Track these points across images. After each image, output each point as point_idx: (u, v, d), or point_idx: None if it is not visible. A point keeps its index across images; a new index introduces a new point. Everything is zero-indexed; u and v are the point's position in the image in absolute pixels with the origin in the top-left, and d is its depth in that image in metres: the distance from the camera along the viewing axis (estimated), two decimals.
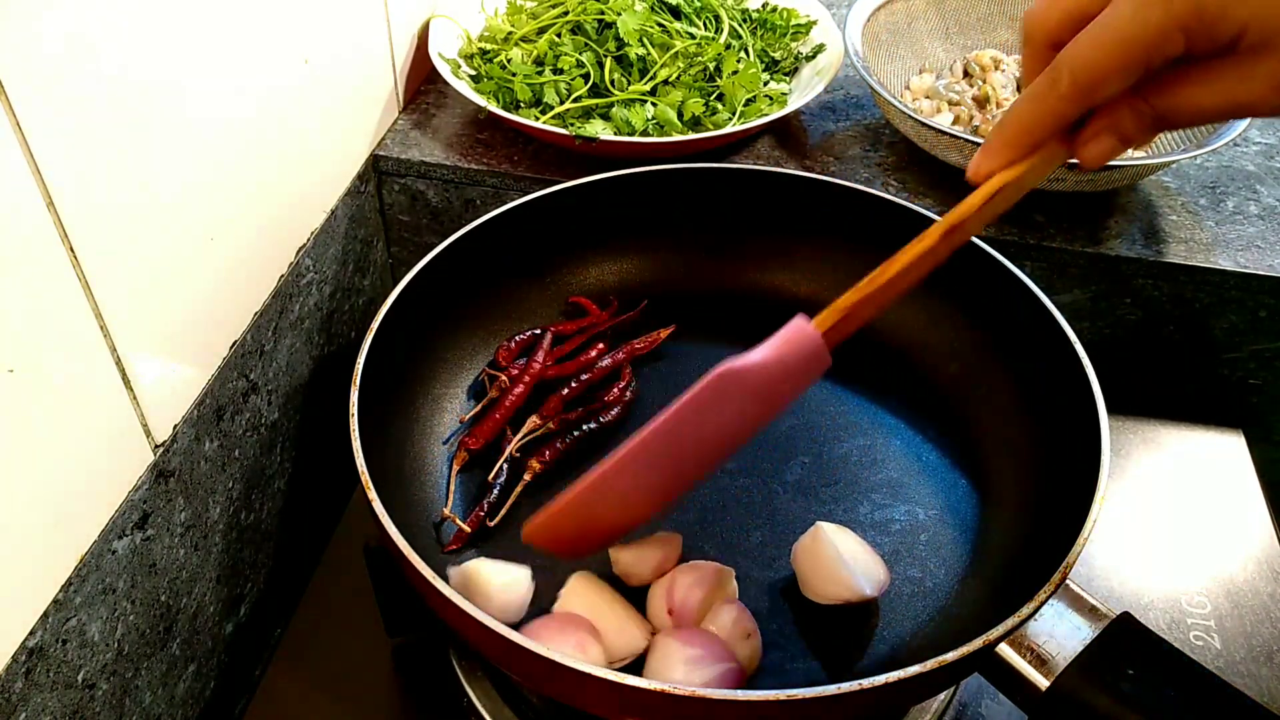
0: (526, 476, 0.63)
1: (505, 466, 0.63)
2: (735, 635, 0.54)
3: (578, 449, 0.65)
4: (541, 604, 0.56)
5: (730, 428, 0.50)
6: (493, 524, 0.60)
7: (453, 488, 0.62)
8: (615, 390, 0.68)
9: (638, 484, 0.50)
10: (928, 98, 0.87)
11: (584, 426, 0.65)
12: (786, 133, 0.86)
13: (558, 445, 0.64)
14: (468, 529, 0.59)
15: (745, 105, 0.83)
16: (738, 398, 0.49)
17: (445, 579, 0.48)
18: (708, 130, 0.81)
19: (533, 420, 0.65)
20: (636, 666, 0.54)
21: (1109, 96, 0.41)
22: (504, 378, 0.67)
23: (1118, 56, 0.39)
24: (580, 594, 0.55)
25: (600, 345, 0.71)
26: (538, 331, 0.71)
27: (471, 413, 0.67)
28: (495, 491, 0.61)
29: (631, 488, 0.50)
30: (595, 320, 0.72)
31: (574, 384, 0.68)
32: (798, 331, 0.50)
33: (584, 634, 0.52)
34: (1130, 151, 0.81)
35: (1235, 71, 0.39)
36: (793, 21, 0.93)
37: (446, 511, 0.60)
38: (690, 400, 0.49)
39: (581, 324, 0.72)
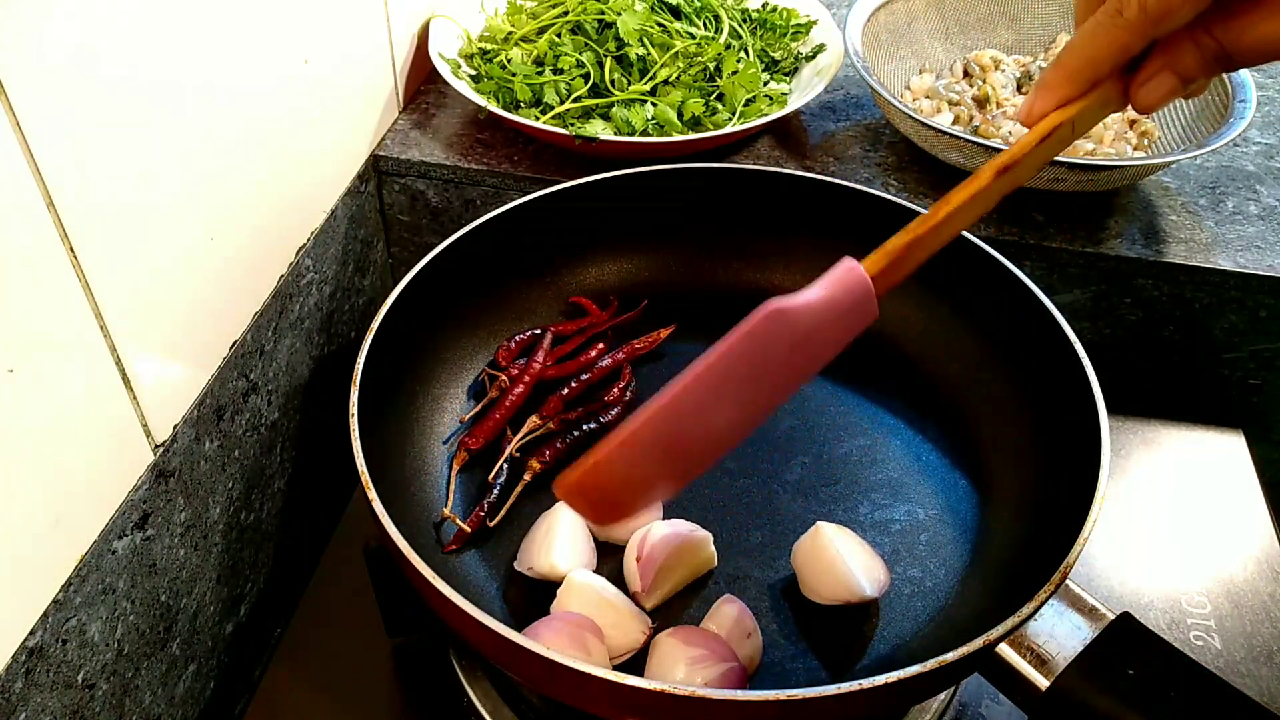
0: (526, 476, 0.63)
1: (505, 466, 0.63)
2: (736, 635, 0.54)
3: (578, 449, 0.65)
4: (541, 604, 0.56)
5: (775, 375, 0.46)
6: (493, 524, 0.60)
7: (453, 488, 0.62)
8: (615, 390, 0.68)
9: (676, 437, 0.45)
10: (928, 98, 0.87)
11: (584, 426, 0.65)
12: (786, 133, 0.86)
13: (558, 445, 0.64)
14: (468, 529, 0.59)
15: (745, 105, 0.83)
16: (786, 340, 0.45)
17: (446, 580, 0.48)
18: (708, 130, 0.81)
19: (533, 420, 0.65)
20: (637, 666, 0.54)
21: (1177, 26, 0.39)
22: (504, 378, 0.67)
23: None
24: (577, 592, 0.55)
25: (600, 345, 0.71)
26: (538, 331, 0.71)
27: (471, 413, 0.67)
28: (495, 491, 0.61)
29: (671, 441, 0.45)
30: (595, 320, 0.72)
31: (574, 384, 0.68)
32: (848, 273, 0.46)
33: (585, 633, 0.52)
34: (1130, 151, 0.81)
35: None
36: (793, 21, 0.93)
37: (446, 511, 0.60)
38: (738, 341, 0.44)
39: (581, 324, 0.72)
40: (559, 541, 0.57)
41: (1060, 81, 0.42)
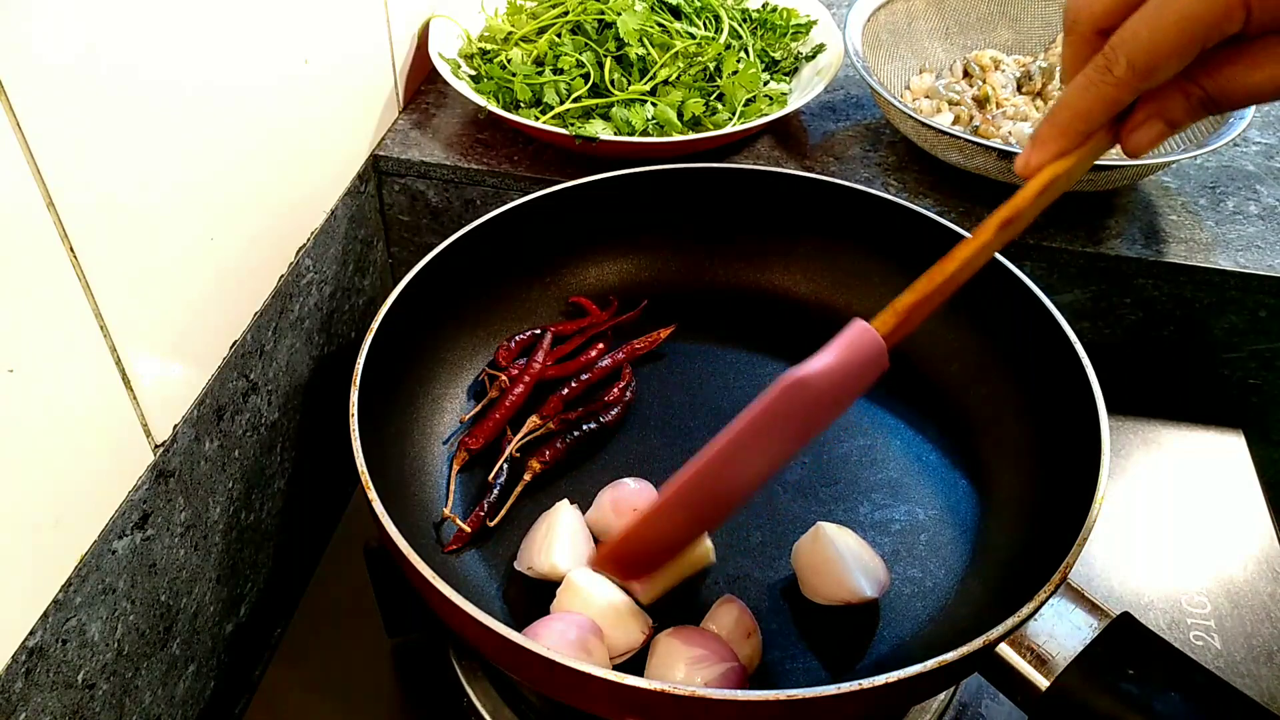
0: (526, 476, 0.63)
1: (505, 466, 0.63)
2: (736, 635, 0.54)
3: (578, 449, 0.65)
4: (541, 604, 0.56)
5: (795, 437, 0.50)
6: (493, 524, 0.60)
7: (453, 488, 0.62)
8: (615, 390, 0.68)
9: (705, 500, 0.51)
10: (928, 98, 0.87)
11: (584, 426, 0.65)
12: (786, 133, 0.86)
13: (558, 445, 0.64)
14: (468, 529, 0.59)
15: (745, 105, 0.83)
16: (803, 408, 0.49)
17: (446, 580, 0.48)
18: (708, 130, 0.81)
19: (533, 420, 0.65)
20: (637, 666, 0.54)
21: (1163, 80, 0.40)
22: (504, 378, 0.67)
23: (1177, 36, 0.38)
24: (577, 592, 0.55)
25: (600, 345, 0.71)
26: (538, 331, 0.71)
27: (471, 412, 0.66)
28: (495, 491, 0.61)
29: (700, 505, 0.51)
30: (595, 320, 0.72)
31: (574, 384, 0.68)
32: (860, 335, 0.49)
33: (585, 632, 0.52)
34: None
35: None
36: (793, 21, 0.93)
37: (447, 511, 0.60)
38: (759, 414, 0.48)
39: (581, 324, 0.72)
40: (559, 542, 0.57)
41: (1054, 136, 0.44)
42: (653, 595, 0.57)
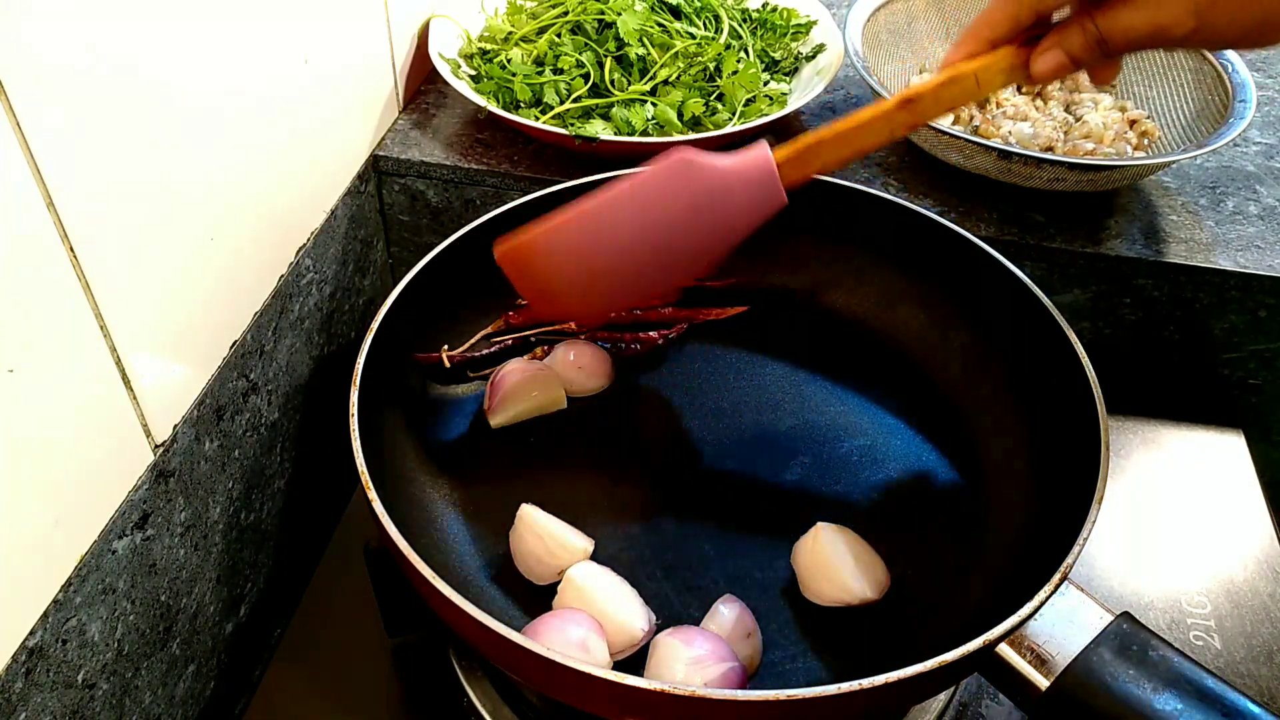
0: (526, 356, 0.68)
1: (514, 340, 0.68)
2: (736, 635, 0.54)
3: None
4: (541, 603, 0.56)
5: (683, 220, 0.54)
6: (471, 375, 0.67)
7: (475, 338, 0.68)
8: (651, 333, 0.71)
9: (598, 239, 0.55)
10: None
11: (598, 343, 0.69)
12: (786, 133, 0.86)
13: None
14: (446, 361, 0.65)
15: (745, 105, 0.83)
16: (691, 189, 0.53)
17: (446, 580, 0.48)
18: (708, 130, 0.81)
19: (570, 324, 0.71)
20: (637, 666, 0.54)
21: (1060, 2, 0.48)
22: None
23: None
24: (579, 589, 0.55)
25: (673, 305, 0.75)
26: None
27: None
28: (492, 349, 0.67)
29: (592, 242, 0.55)
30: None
31: (627, 314, 0.72)
32: (756, 150, 0.54)
33: (585, 632, 0.52)
34: (1130, 151, 0.81)
35: None
36: (793, 21, 0.93)
37: (445, 347, 0.65)
38: (650, 174, 0.53)
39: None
40: (549, 543, 0.58)
41: (967, 39, 0.51)
42: (502, 421, 0.63)
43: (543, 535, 0.58)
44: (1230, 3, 0.44)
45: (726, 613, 0.55)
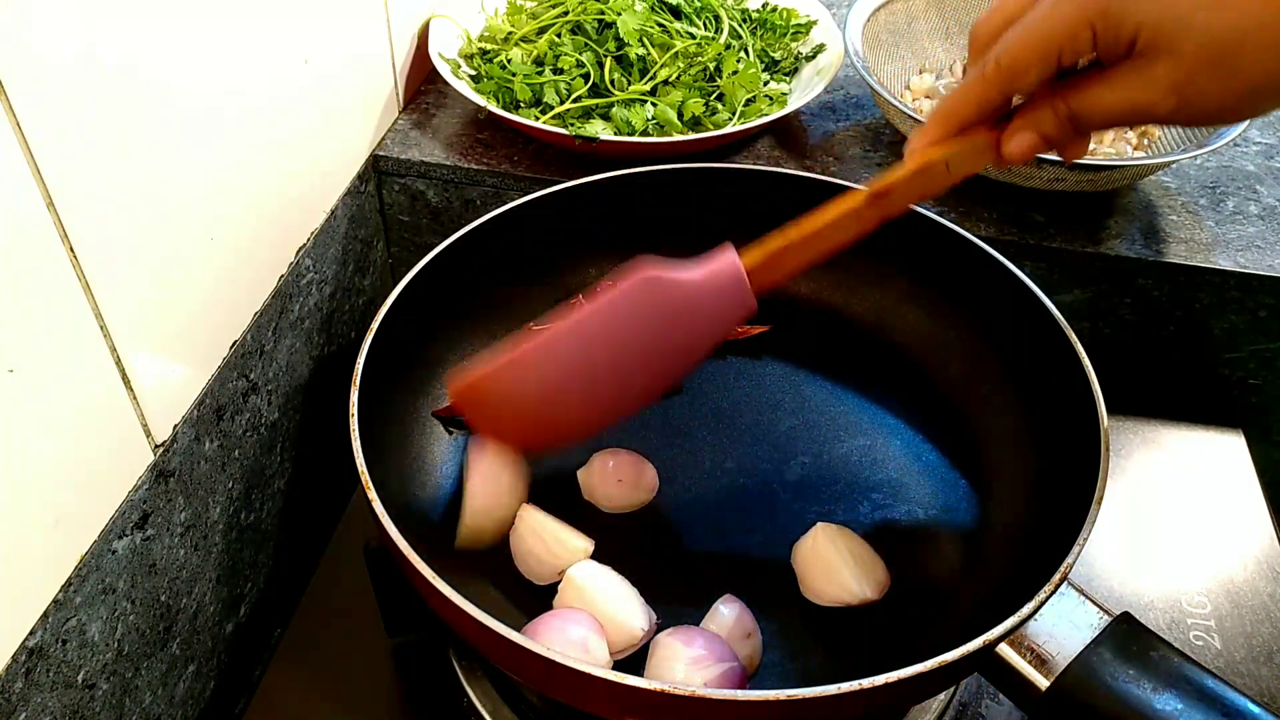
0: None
1: None
2: (736, 635, 0.54)
3: None
4: (541, 603, 0.56)
5: (650, 345, 0.52)
6: None
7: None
8: None
9: (559, 371, 0.52)
10: (928, 98, 0.87)
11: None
12: (786, 133, 0.86)
13: None
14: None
15: (745, 105, 0.83)
16: (658, 309, 0.51)
17: (446, 580, 0.48)
18: (708, 130, 0.81)
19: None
20: (637, 666, 0.54)
21: (1029, 85, 0.45)
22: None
23: (1036, 47, 0.44)
24: (580, 588, 0.55)
25: None
26: None
27: (545, 325, 0.70)
28: None
29: (553, 373, 0.52)
30: None
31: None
32: (723, 257, 0.52)
33: (585, 631, 0.52)
34: (1130, 151, 0.81)
35: (1135, 74, 0.42)
36: (793, 21, 0.93)
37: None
38: (613, 297, 0.51)
39: None
40: (547, 544, 0.58)
41: (934, 124, 0.49)
42: (463, 544, 0.59)
43: (543, 535, 0.58)
44: (1212, 78, 0.41)
45: (726, 613, 0.55)
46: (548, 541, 0.57)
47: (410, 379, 0.66)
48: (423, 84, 0.90)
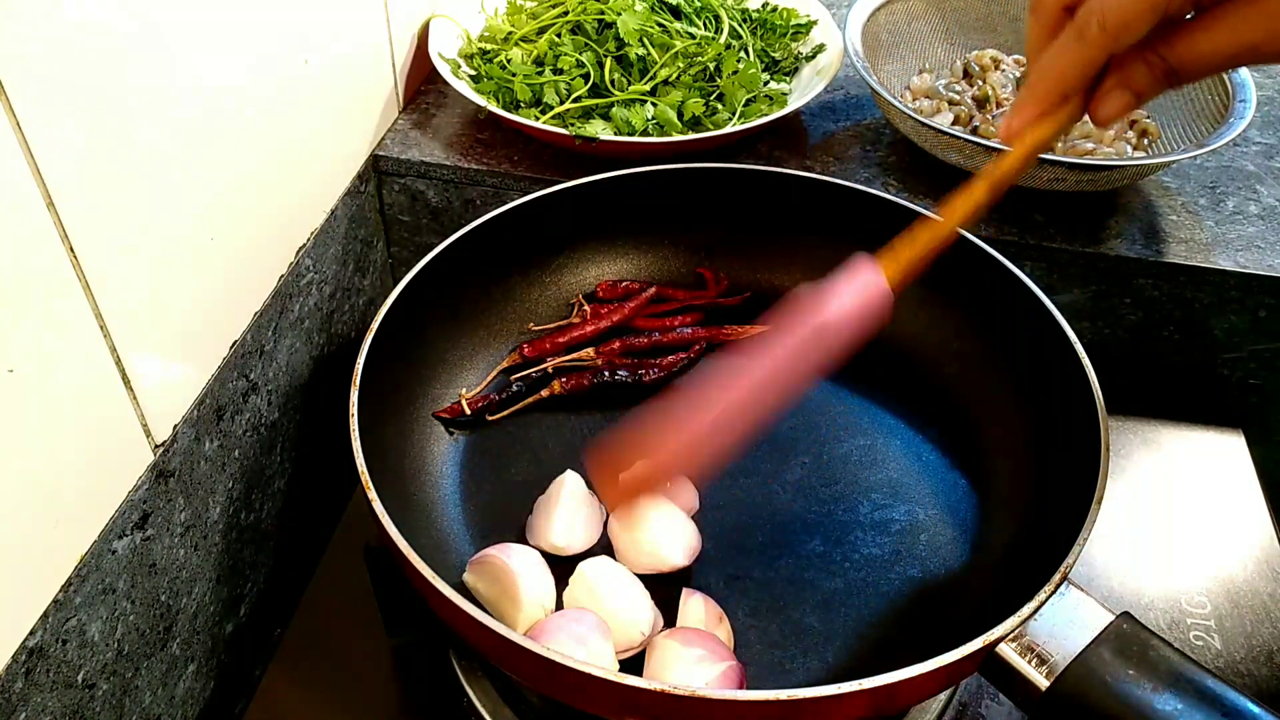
0: (545, 393, 0.67)
1: (534, 376, 0.67)
2: (711, 623, 0.54)
3: (603, 392, 0.68)
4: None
5: (805, 375, 0.51)
6: (491, 419, 0.65)
7: (490, 379, 0.67)
8: (671, 357, 0.70)
9: (732, 433, 0.52)
10: (928, 98, 0.87)
11: (618, 374, 0.68)
12: (786, 133, 0.86)
13: (589, 379, 0.67)
14: (468, 410, 0.63)
15: (745, 105, 0.83)
16: (821, 349, 0.51)
17: (446, 579, 0.48)
18: (708, 130, 0.81)
19: (588, 351, 0.69)
20: (636, 666, 0.54)
21: (1134, 39, 0.43)
22: (589, 308, 0.71)
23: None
24: (587, 584, 0.55)
25: (692, 316, 0.73)
26: (647, 284, 0.74)
27: (547, 326, 0.70)
28: (510, 391, 0.66)
29: (726, 437, 0.52)
30: (702, 295, 0.75)
31: (644, 339, 0.71)
32: (873, 282, 0.51)
33: (586, 631, 0.52)
34: (1130, 151, 0.81)
35: (1240, 12, 0.40)
36: (793, 21, 0.93)
37: (464, 393, 0.65)
38: (787, 351, 0.51)
39: (685, 294, 0.75)
40: (567, 517, 0.59)
41: (1035, 100, 0.47)
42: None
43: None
44: None
45: (694, 607, 0.55)
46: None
47: (410, 379, 0.66)
48: (423, 84, 0.90)
